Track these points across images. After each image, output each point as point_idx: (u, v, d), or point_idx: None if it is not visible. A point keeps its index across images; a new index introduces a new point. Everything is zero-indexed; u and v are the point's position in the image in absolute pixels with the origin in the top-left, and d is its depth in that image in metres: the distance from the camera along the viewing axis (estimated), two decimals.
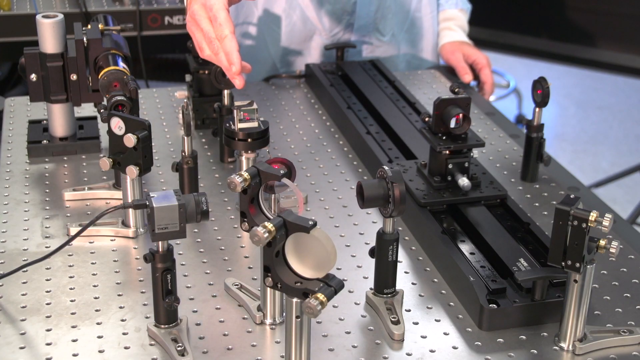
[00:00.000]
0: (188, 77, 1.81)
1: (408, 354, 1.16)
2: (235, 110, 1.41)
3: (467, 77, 2.08)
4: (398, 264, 1.24)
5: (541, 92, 1.54)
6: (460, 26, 2.22)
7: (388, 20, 2.12)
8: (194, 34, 1.45)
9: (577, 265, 1.09)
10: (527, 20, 3.39)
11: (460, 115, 1.42)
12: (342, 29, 2.10)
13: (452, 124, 1.43)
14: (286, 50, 2.10)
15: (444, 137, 1.44)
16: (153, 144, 1.37)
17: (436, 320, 1.23)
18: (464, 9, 2.23)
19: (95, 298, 1.26)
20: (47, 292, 1.27)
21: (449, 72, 2.15)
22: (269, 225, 0.97)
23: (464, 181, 1.42)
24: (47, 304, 1.24)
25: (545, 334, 1.20)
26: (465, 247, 1.33)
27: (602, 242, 1.10)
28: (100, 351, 1.14)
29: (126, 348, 1.15)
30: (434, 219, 1.40)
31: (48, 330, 1.18)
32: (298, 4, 2.05)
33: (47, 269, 1.32)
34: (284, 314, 1.08)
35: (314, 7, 2.06)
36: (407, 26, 2.17)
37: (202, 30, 1.42)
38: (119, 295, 1.27)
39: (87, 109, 1.82)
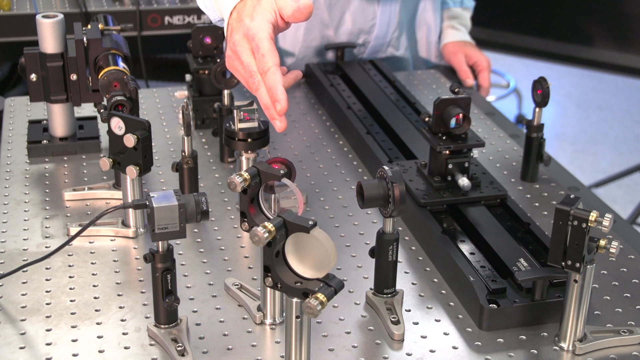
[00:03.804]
0: (188, 77, 1.81)
1: (408, 354, 1.16)
2: (235, 110, 1.41)
3: (468, 81, 2.08)
4: (398, 264, 1.24)
5: (541, 92, 1.54)
6: (464, 25, 2.22)
7: (402, 35, 2.12)
8: (237, 71, 1.24)
9: (577, 265, 1.09)
10: (527, 20, 3.39)
11: (460, 115, 1.42)
12: (358, 46, 2.10)
13: (452, 124, 1.43)
14: (300, 62, 2.10)
15: (444, 137, 1.44)
16: (153, 144, 1.37)
17: (436, 320, 1.23)
18: (467, 7, 2.24)
19: (95, 298, 1.26)
20: (47, 292, 1.27)
21: (449, 72, 2.15)
22: (269, 225, 0.97)
23: (464, 181, 1.42)
24: (47, 304, 1.24)
25: (545, 334, 1.20)
26: (465, 247, 1.33)
27: (602, 242, 1.10)
28: (100, 351, 1.14)
29: (126, 348, 1.15)
30: (434, 219, 1.40)
31: (48, 330, 1.18)
32: (317, 25, 2.04)
33: (47, 269, 1.32)
34: (284, 314, 1.08)
35: (333, 27, 2.05)
36: (415, 31, 2.17)
37: (243, 63, 1.21)
38: (119, 295, 1.27)
39: (87, 109, 1.82)
